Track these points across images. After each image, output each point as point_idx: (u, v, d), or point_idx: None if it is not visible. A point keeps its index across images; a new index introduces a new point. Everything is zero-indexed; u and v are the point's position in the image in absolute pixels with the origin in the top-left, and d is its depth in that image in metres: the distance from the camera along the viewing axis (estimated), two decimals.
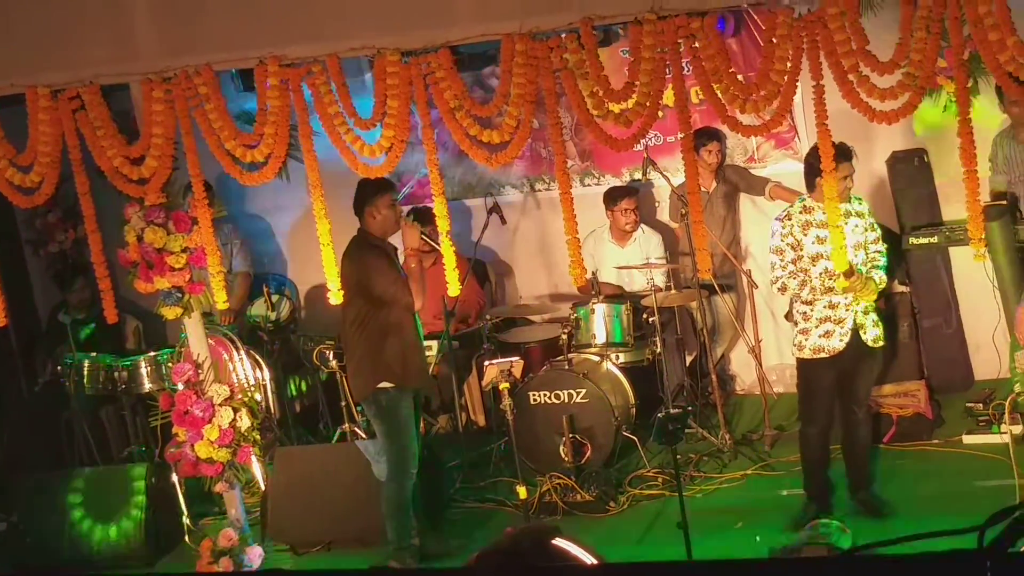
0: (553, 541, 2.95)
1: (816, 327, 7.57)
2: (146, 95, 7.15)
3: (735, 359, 10.54)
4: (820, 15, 6.29)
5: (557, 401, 9.11)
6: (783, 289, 7.66)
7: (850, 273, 7.28)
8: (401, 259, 7.82)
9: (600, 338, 9.53)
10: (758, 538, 7.79)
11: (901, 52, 6.28)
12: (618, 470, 9.05)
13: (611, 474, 8.91)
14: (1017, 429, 8.44)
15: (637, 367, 9.69)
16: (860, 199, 7.74)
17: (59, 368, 9.73)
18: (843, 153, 7.11)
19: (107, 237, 7.57)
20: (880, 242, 7.67)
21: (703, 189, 9.57)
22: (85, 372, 9.57)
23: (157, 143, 7.19)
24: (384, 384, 7.66)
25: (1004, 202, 8.90)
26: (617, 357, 9.61)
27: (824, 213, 7.28)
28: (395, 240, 7.87)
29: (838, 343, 7.55)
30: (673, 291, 9.76)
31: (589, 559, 2.90)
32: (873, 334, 7.59)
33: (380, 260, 7.61)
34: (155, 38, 7.25)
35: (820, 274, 7.47)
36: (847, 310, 7.51)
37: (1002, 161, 9.04)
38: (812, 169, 7.41)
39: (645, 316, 9.54)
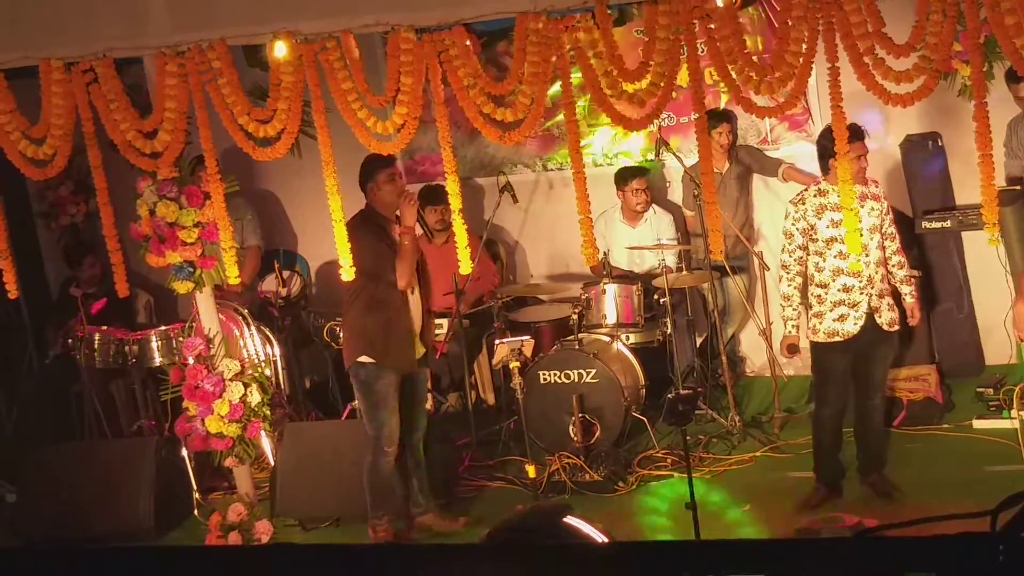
0: (564, 519, 2.96)
1: (831, 311, 7.56)
2: (160, 69, 7.14)
3: (745, 341, 10.52)
4: None
5: (567, 381, 9.11)
6: (784, 268, 7.68)
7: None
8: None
9: (611, 318, 9.53)
10: (747, 507, 7.84)
11: (917, 35, 6.25)
12: (627, 450, 9.05)
13: (620, 454, 8.91)
14: None
15: (647, 348, 9.69)
16: (876, 182, 7.72)
17: (70, 341, 9.75)
18: (855, 133, 7.09)
19: (119, 211, 7.57)
20: (894, 231, 7.67)
21: (716, 170, 9.54)
22: (96, 345, 9.58)
23: (170, 117, 7.19)
24: (363, 358, 7.72)
25: (1018, 187, 8.87)
26: (627, 337, 9.61)
27: (839, 196, 7.28)
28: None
29: (852, 327, 7.54)
30: (685, 272, 9.74)
31: (600, 537, 2.90)
32: (888, 317, 7.58)
33: (368, 235, 7.62)
34: (169, 12, 7.24)
35: (835, 256, 7.46)
36: (861, 293, 7.50)
37: (1017, 145, 9.00)
38: (825, 151, 7.40)
39: (656, 297, 9.54)
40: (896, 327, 7.64)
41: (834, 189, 7.36)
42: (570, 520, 2.96)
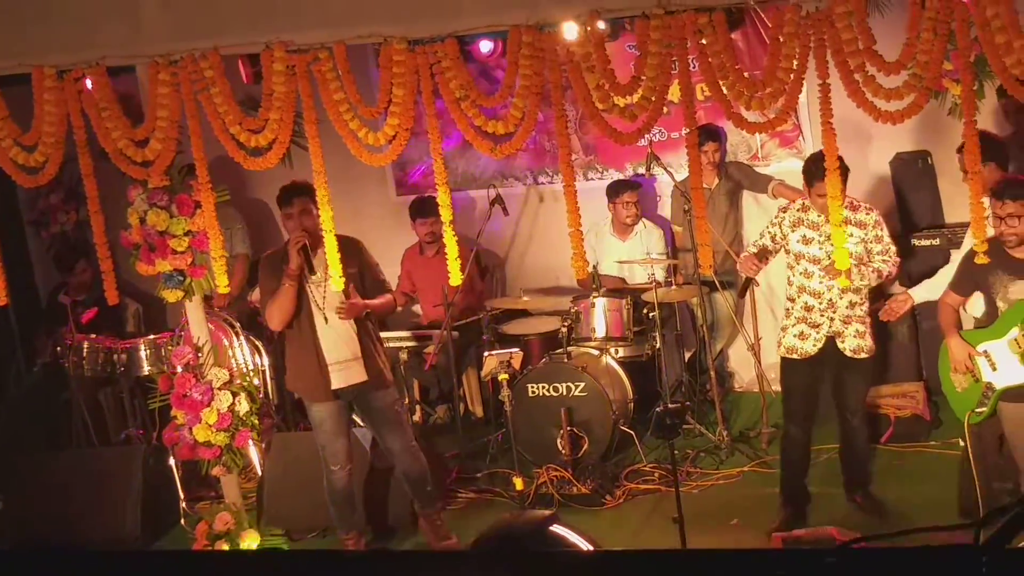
0: (551, 528, 2.96)
1: (793, 325, 7.63)
2: (152, 77, 7.14)
3: (734, 356, 10.55)
4: (827, 13, 6.28)
5: (555, 394, 9.12)
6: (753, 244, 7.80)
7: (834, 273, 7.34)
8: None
9: (600, 332, 9.54)
10: (734, 522, 7.86)
11: (908, 53, 6.28)
12: (615, 464, 9.07)
13: (608, 468, 8.93)
14: None
15: (636, 362, 9.71)
16: (869, 208, 7.71)
17: (59, 349, 9.74)
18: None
19: (109, 219, 7.56)
20: (888, 254, 7.64)
21: (706, 185, 9.57)
22: (84, 353, 9.58)
23: (162, 126, 7.18)
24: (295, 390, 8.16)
25: None
26: (616, 351, 9.63)
27: (818, 216, 7.36)
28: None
29: (811, 347, 7.58)
30: (674, 286, 9.76)
31: (586, 546, 2.91)
32: (854, 344, 7.56)
33: (265, 270, 7.94)
34: (162, 21, 7.24)
35: (801, 273, 7.53)
36: (822, 315, 7.53)
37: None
38: (810, 176, 7.47)
39: (645, 311, 9.56)
40: (863, 355, 7.62)
41: (815, 210, 7.47)
42: (557, 529, 2.97)
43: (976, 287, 7.19)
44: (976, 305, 7.44)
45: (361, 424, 8.24)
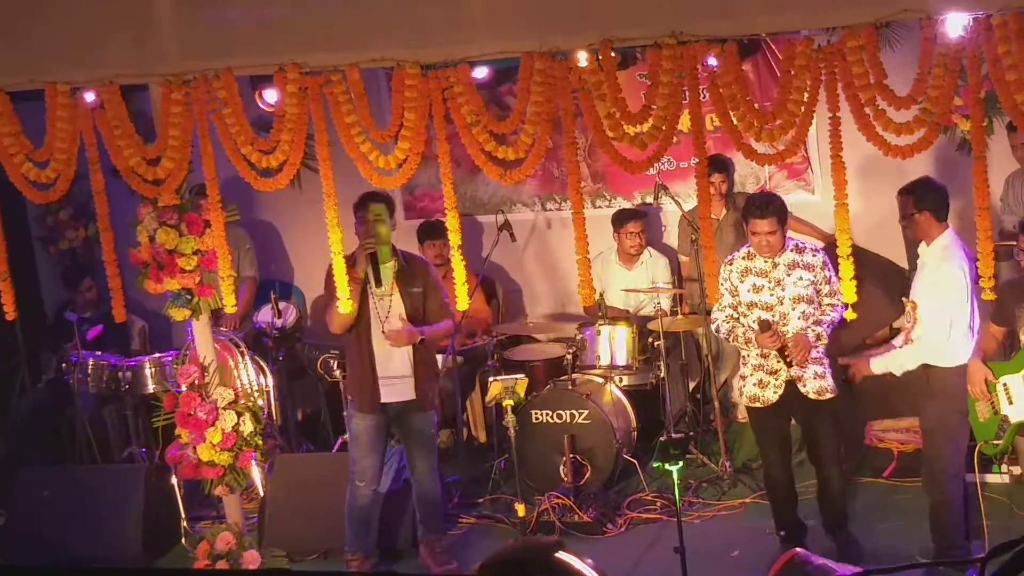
0: (556, 554, 2.96)
1: (751, 374, 7.63)
2: (165, 97, 7.17)
3: (738, 387, 10.51)
4: (839, 47, 6.30)
5: (559, 421, 9.12)
6: (716, 328, 7.77)
7: (766, 327, 7.41)
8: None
9: (604, 360, 9.54)
10: (735, 553, 7.88)
11: (919, 88, 6.30)
12: (617, 492, 9.06)
13: (610, 496, 8.92)
14: (1017, 471, 8.46)
15: (640, 390, 9.71)
16: (816, 250, 7.72)
17: (64, 365, 9.75)
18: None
19: (117, 237, 7.58)
20: (835, 297, 7.55)
21: (713, 216, 9.59)
22: (89, 370, 9.59)
23: (174, 145, 7.21)
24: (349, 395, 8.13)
25: (1015, 243, 8.89)
26: (621, 380, 9.63)
27: (765, 262, 7.40)
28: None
29: (772, 395, 7.57)
30: (679, 316, 9.77)
31: (592, 573, 2.91)
32: (816, 386, 7.54)
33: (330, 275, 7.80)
34: (177, 41, 7.27)
35: (753, 323, 7.52)
36: (778, 362, 7.51)
37: (1013, 200, 9.06)
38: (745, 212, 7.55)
39: (650, 340, 9.56)
40: (828, 395, 7.59)
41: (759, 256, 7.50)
42: (562, 556, 2.97)
43: (1006, 320, 7.20)
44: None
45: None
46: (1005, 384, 7.07)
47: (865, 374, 7.72)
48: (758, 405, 7.64)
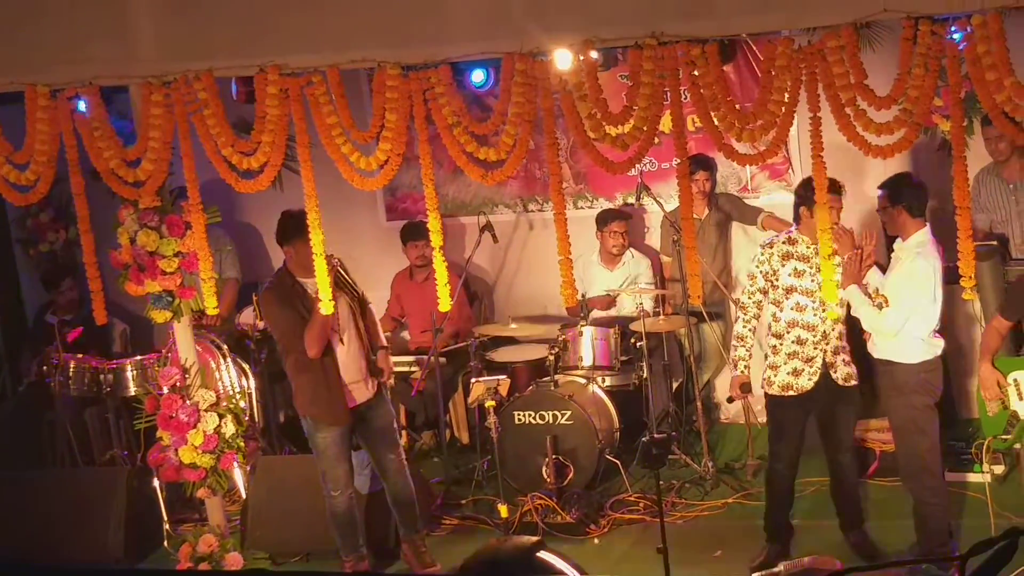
0: (538, 554, 2.96)
1: (785, 363, 7.57)
2: (145, 98, 7.16)
3: (720, 387, 10.53)
4: (820, 47, 6.32)
5: (542, 422, 9.12)
6: (743, 309, 7.73)
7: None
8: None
9: (587, 360, 9.54)
10: (718, 553, 7.91)
11: (899, 88, 6.31)
12: (600, 493, 9.06)
13: (593, 497, 8.92)
14: (999, 469, 8.48)
15: (623, 391, 9.71)
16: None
17: (44, 368, 9.72)
18: (832, 187, 7.11)
19: (98, 239, 7.57)
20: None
21: (695, 216, 9.60)
22: (71, 373, 9.56)
23: (154, 147, 7.20)
24: (305, 413, 7.92)
25: (995, 243, 8.93)
26: (603, 380, 9.63)
27: (808, 248, 7.34)
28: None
29: (807, 382, 7.54)
30: (662, 317, 9.77)
31: (573, 572, 2.91)
32: (844, 372, 7.55)
33: (279, 304, 7.74)
34: (156, 42, 7.26)
35: (792, 308, 7.49)
36: (815, 348, 7.50)
37: (986, 198, 9.08)
38: (801, 200, 7.45)
39: (633, 340, 9.57)
40: (853, 382, 7.62)
41: (803, 239, 7.43)
42: (544, 555, 2.97)
43: (1018, 314, 7.21)
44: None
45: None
46: (1016, 380, 7.07)
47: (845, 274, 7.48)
48: (790, 394, 7.57)
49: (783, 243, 7.57)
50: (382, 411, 7.98)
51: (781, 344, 7.56)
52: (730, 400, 8.97)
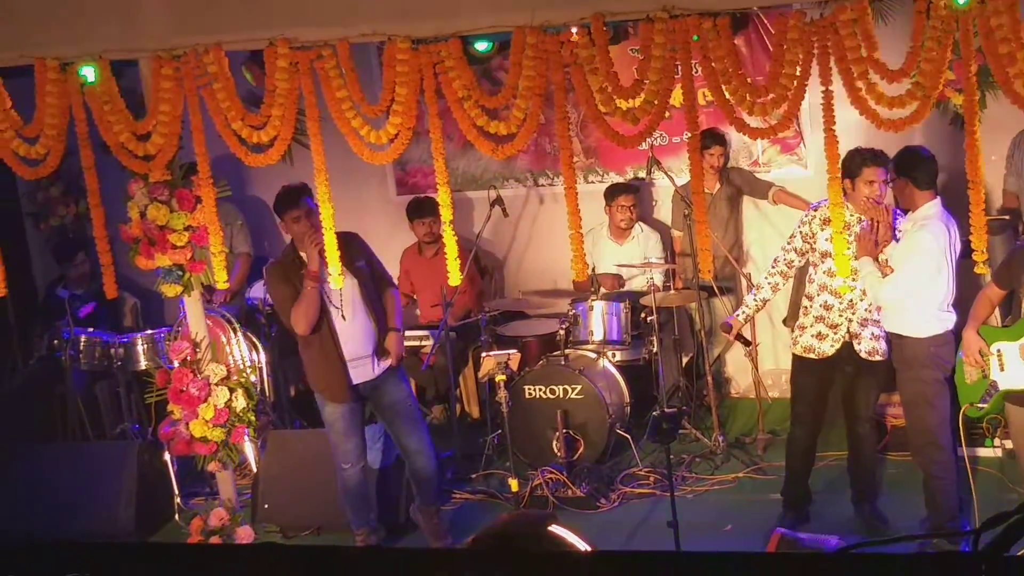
0: (549, 528, 2.96)
1: (811, 325, 7.60)
2: (155, 72, 7.14)
3: (731, 362, 10.55)
4: (831, 20, 6.28)
5: (552, 396, 9.12)
6: (774, 262, 7.77)
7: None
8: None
9: (597, 335, 9.54)
10: (728, 527, 7.92)
11: (911, 61, 6.28)
12: (610, 467, 9.07)
13: (603, 471, 8.92)
14: (1010, 444, 8.46)
15: (633, 366, 9.71)
16: (890, 208, 7.71)
17: (55, 342, 9.73)
18: (875, 158, 7.21)
19: (108, 213, 7.56)
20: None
21: (706, 191, 9.58)
22: (81, 347, 9.57)
23: (164, 120, 7.18)
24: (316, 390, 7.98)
25: (1007, 217, 8.91)
26: (614, 355, 9.62)
27: (851, 216, 7.33)
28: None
29: (828, 348, 7.56)
30: (672, 291, 9.76)
31: (585, 546, 2.91)
32: (869, 346, 7.55)
33: (277, 280, 7.79)
34: (166, 16, 7.23)
35: (824, 272, 7.50)
36: (841, 315, 7.52)
37: (1020, 160, 9.08)
38: (844, 171, 7.43)
39: (643, 315, 9.56)
40: (878, 357, 7.61)
41: (848, 207, 7.41)
42: (555, 529, 2.96)
43: (1011, 283, 7.18)
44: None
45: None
46: (999, 350, 7.06)
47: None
48: (812, 356, 7.61)
49: (827, 208, 7.58)
50: (391, 387, 7.92)
51: (811, 306, 7.61)
52: (712, 365, 9.05)
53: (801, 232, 7.61)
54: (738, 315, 7.94)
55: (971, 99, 6.31)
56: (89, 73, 7.16)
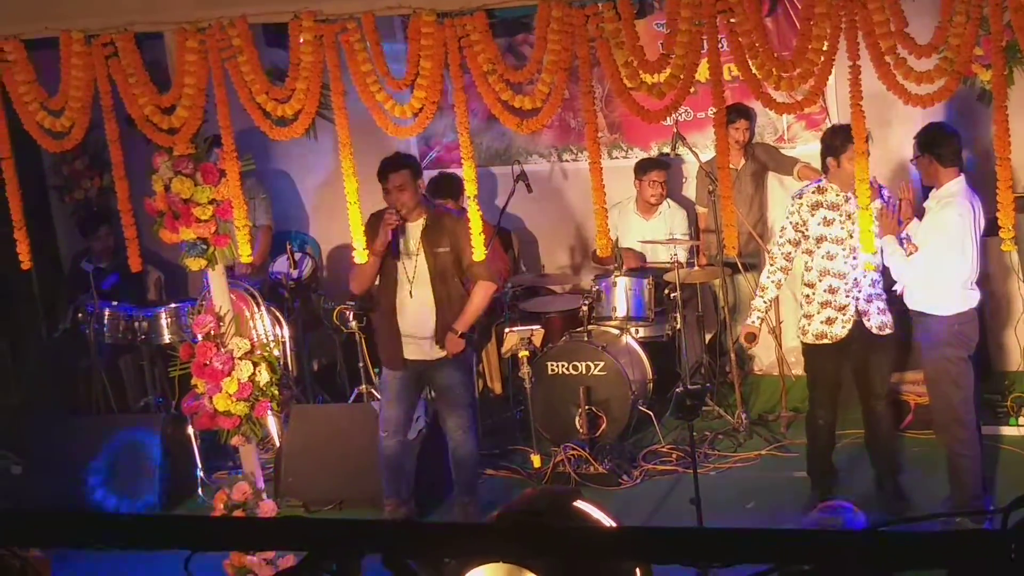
0: (575, 503, 2.95)
1: (818, 312, 7.59)
2: (180, 44, 7.12)
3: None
4: None
5: (575, 372, 9.11)
6: (771, 259, 7.74)
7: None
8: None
9: (620, 311, 9.52)
10: (751, 504, 7.85)
11: (940, 36, 6.22)
12: (633, 444, 9.06)
13: (625, 448, 8.93)
14: None
15: (656, 342, 9.70)
16: (883, 188, 7.71)
17: (80, 316, 9.75)
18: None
19: (133, 186, 7.55)
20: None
21: (732, 166, 9.53)
22: (106, 320, 9.59)
23: (188, 93, 7.16)
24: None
25: None
26: (637, 331, 9.61)
27: (837, 195, 7.33)
28: None
29: (840, 330, 7.56)
30: (696, 268, 9.73)
31: (610, 522, 2.90)
32: (879, 321, 7.55)
33: (368, 227, 7.70)
34: None
35: (823, 256, 7.48)
36: (847, 296, 7.50)
37: None
38: (828, 149, 7.43)
39: (667, 291, 9.53)
40: (888, 331, 7.60)
41: (833, 188, 7.42)
42: (580, 504, 2.95)
43: None
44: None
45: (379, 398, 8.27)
46: None
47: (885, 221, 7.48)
48: (825, 342, 7.63)
49: (812, 193, 7.59)
50: (445, 373, 7.97)
51: (814, 293, 7.59)
52: (735, 343, 9.03)
53: (791, 222, 7.62)
54: (753, 321, 7.94)
55: (1000, 74, 6.26)
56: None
